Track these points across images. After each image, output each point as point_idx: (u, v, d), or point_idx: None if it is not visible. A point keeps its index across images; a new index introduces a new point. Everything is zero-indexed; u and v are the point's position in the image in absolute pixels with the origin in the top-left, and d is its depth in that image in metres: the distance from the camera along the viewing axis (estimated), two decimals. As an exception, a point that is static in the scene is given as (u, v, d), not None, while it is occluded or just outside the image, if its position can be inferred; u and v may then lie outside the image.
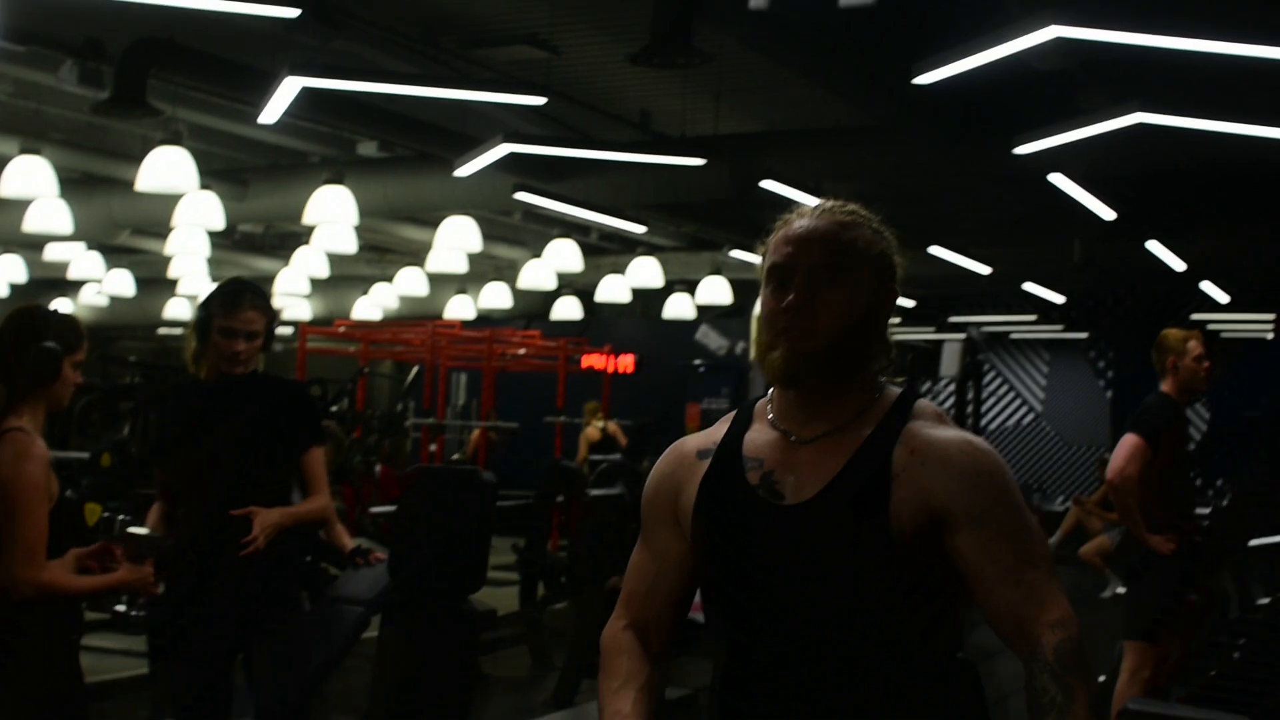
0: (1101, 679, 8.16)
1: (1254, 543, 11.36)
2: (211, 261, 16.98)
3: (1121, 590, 9.07)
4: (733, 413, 2.68)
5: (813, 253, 2.47)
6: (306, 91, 9.12)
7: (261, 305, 5.18)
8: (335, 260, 16.96)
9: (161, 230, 15.12)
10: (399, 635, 4.65)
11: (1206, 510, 11.54)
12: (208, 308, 5.14)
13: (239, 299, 5.12)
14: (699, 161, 10.92)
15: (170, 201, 12.59)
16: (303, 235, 16.38)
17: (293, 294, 19.00)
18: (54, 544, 4.17)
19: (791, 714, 2.44)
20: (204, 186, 12.17)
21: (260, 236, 19.78)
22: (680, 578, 2.64)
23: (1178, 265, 16.16)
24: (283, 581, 5.16)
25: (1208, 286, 18.62)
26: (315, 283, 18.98)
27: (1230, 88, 9.51)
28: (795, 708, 2.43)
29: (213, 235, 14.72)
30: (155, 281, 20.36)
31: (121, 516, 4.46)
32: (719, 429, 2.65)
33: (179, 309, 21.48)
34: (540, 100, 9.23)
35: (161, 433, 5.35)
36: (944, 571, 2.43)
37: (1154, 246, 15.18)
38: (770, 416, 2.57)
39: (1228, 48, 7.12)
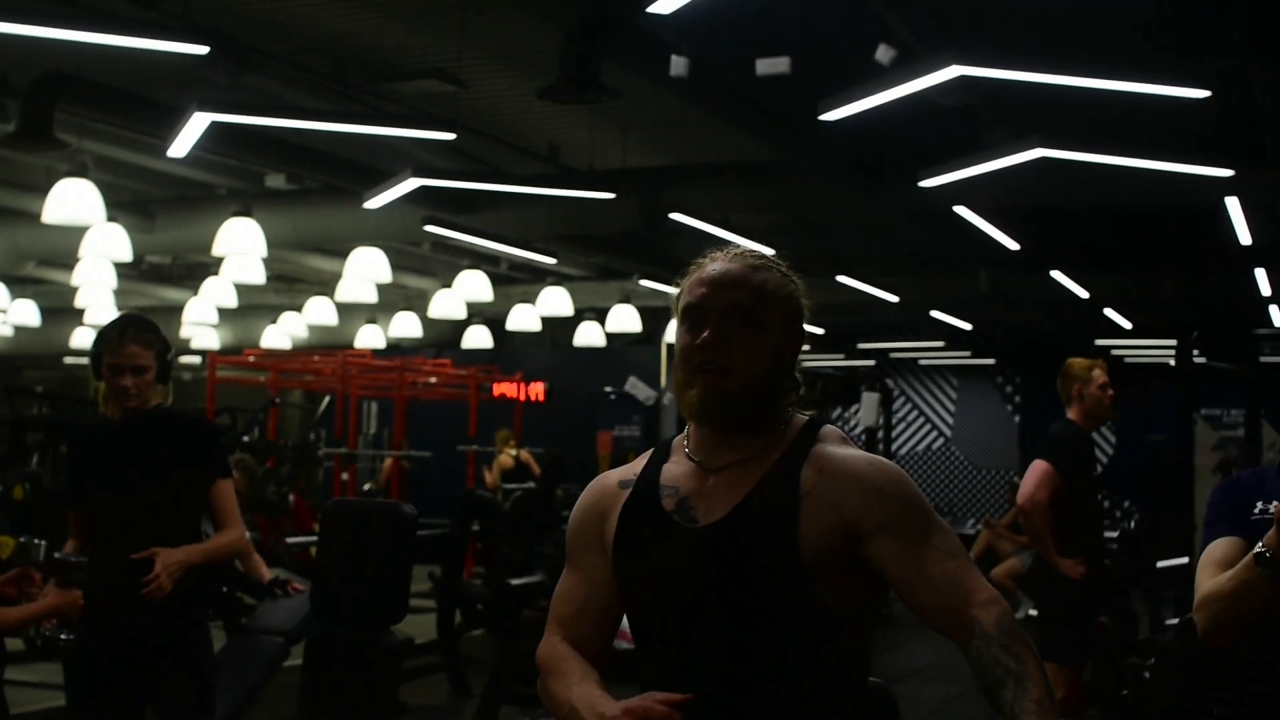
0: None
1: (1161, 564, 11.58)
2: (118, 292, 16.87)
3: (1033, 612, 9.21)
4: (651, 449, 2.78)
5: (726, 294, 2.59)
6: (215, 125, 9.13)
7: (146, 339, 5.07)
8: (243, 290, 16.92)
9: (68, 261, 15.03)
10: (322, 666, 4.67)
11: (1114, 534, 11.77)
12: (97, 345, 5.09)
13: (122, 334, 5.04)
14: (608, 195, 11.01)
15: (76, 233, 12.50)
16: (211, 265, 16.33)
17: (201, 323, 18.94)
18: None
19: None
20: (110, 218, 12.09)
21: (168, 267, 19.67)
22: (608, 599, 2.71)
23: (1081, 293, 16.44)
24: (191, 621, 5.04)
25: (1111, 313, 18.94)
26: (223, 312, 18.93)
27: (1127, 124, 9.74)
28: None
29: (119, 266, 14.63)
30: (61, 311, 20.21)
31: (38, 541, 4.46)
32: (639, 463, 2.75)
33: (85, 338, 21.34)
34: (450, 136, 9.30)
35: (70, 473, 5.30)
36: (854, 588, 2.53)
37: (1058, 275, 15.44)
38: (686, 449, 2.68)
39: (1124, 86, 7.33)
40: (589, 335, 19.56)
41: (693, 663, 2.53)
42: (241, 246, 12.51)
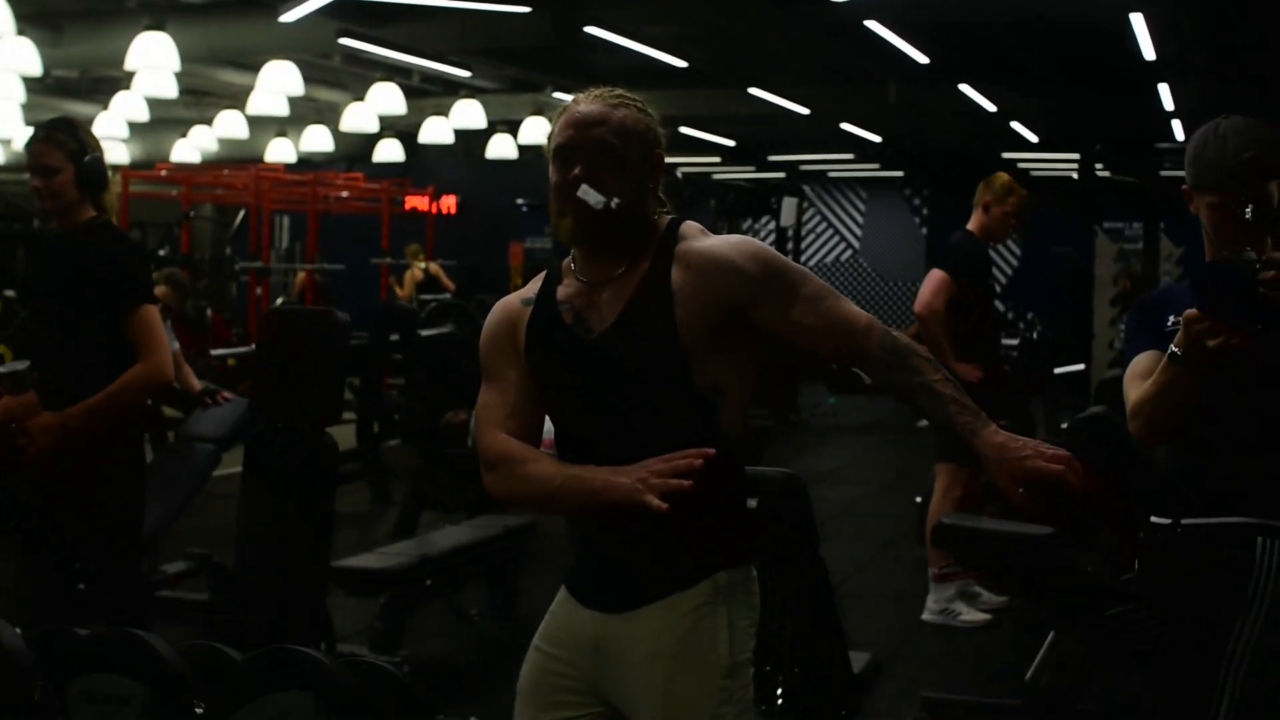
0: (919, 500, 8.66)
1: (1059, 370, 11.96)
2: (25, 107, 16.71)
3: (933, 417, 9.50)
4: (544, 272, 3.09)
5: (590, 132, 2.91)
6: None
7: (57, 139, 4.79)
8: (153, 104, 16.81)
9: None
10: (261, 463, 4.87)
11: (1015, 341, 12.13)
12: None
13: (34, 135, 4.87)
14: (523, 9, 11.04)
15: (-18, 47, 12.38)
16: (120, 80, 16.19)
17: (111, 138, 18.81)
18: None
19: (612, 520, 2.82)
20: (18, 32, 11.96)
21: (74, 81, 19.46)
22: (531, 398, 3.00)
23: (989, 107, 16.66)
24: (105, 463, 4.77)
25: (1018, 127, 19.19)
26: (132, 126, 18.80)
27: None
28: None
29: (27, 80, 14.49)
30: (-34, 126, 20.00)
31: None
32: (535, 285, 3.06)
33: (-10, 153, 21.20)
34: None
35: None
36: (731, 363, 2.88)
37: (966, 89, 15.63)
38: (574, 270, 2.99)
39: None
40: (502, 148, 19.61)
41: (601, 450, 2.84)
42: (154, 60, 12.45)
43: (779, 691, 4.08)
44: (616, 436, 2.83)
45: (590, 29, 11.68)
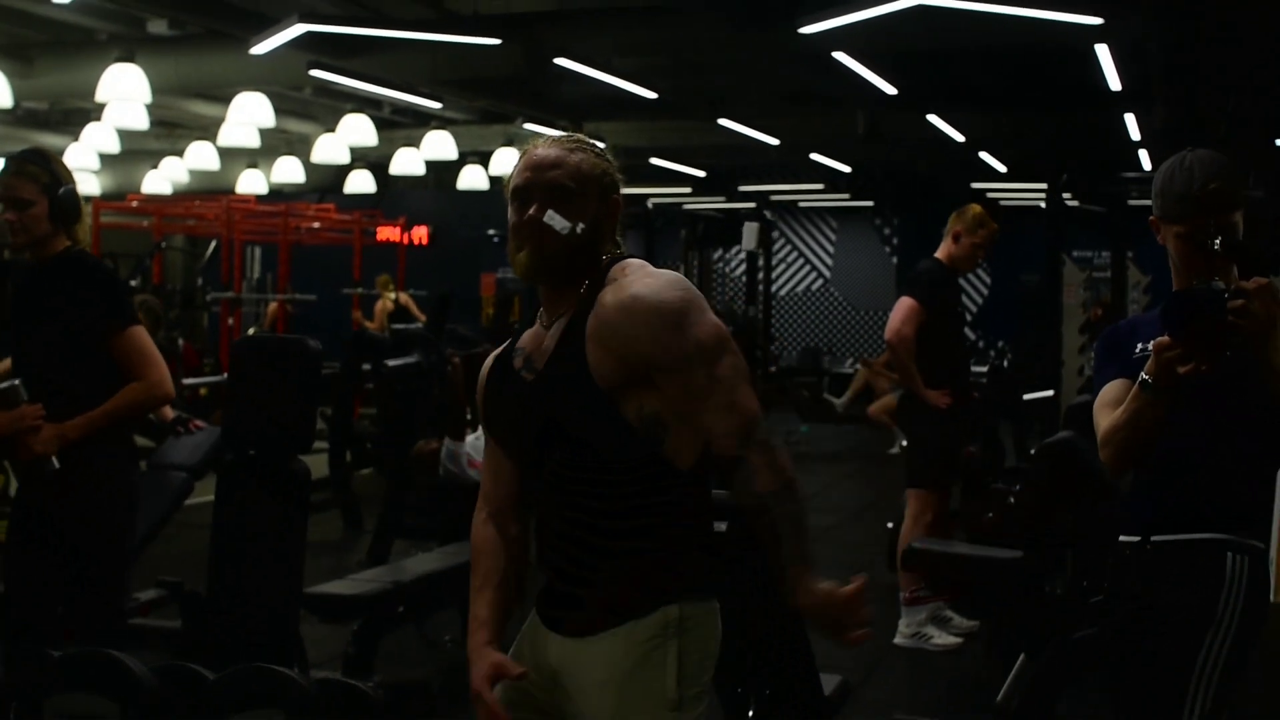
0: (890, 525, 8.72)
1: (1028, 396, 12.03)
2: (-6, 138, 16.73)
3: (905, 443, 9.57)
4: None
5: (546, 175, 2.97)
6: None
7: (30, 172, 4.82)
8: (124, 135, 16.81)
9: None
10: (233, 492, 4.88)
11: (984, 368, 12.18)
12: None
13: (6, 168, 4.89)
14: (493, 41, 11.08)
15: (-48, 78, 12.37)
16: (91, 111, 16.19)
17: (82, 169, 18.78)
18: None
19: (573, 547, 2.94)
20: (-11, 63, 11.98)
21: (44, 112, 19.45)
22: (505, 456, 3.13)
23: (957, 136, 16.76)
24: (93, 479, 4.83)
25: (986, 156, 19.29)
26: (103, 157, 18.79)
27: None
28: (576, 538, 2.94)
29: (-4, 111, 14.52)
30: (-65, 158, 19.91)
31: None
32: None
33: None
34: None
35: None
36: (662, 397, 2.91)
37: (934, 119, 15.73)
38: (540, 314, 3.06)
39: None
40: (473, 178, 19.65)
41: (552, 484, 2.95)
42: (125, 92, 12.45)
43: (750, 713, 4.11)
44: (564, 472, 2.92)
45: (560, 60, 11.72)
